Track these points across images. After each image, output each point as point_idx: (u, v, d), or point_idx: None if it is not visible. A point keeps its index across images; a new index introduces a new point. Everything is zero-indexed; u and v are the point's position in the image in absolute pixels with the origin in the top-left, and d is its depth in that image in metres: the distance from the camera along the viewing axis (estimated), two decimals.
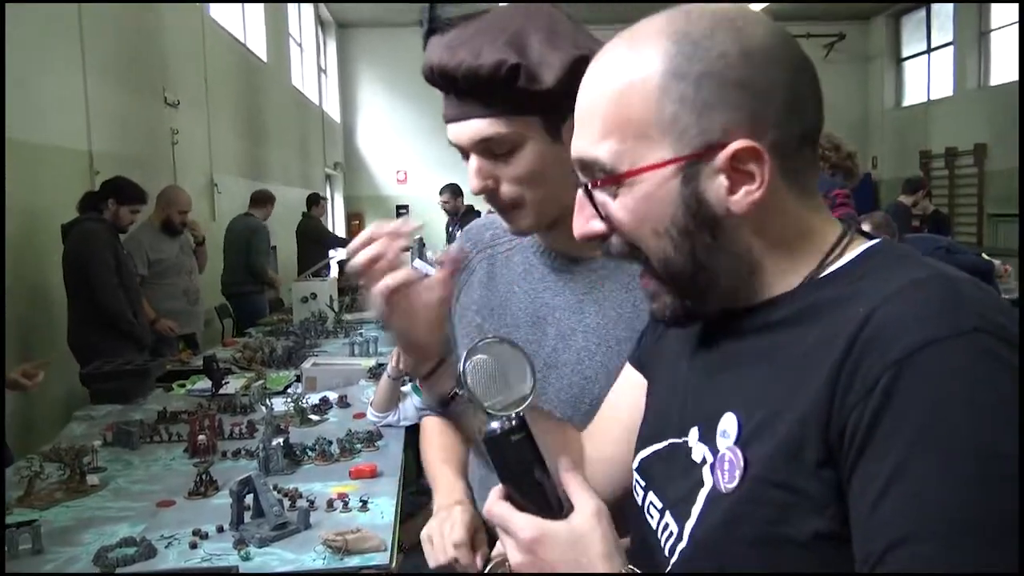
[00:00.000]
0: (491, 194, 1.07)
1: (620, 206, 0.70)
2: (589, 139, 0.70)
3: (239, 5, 8.69)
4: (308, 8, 12.20)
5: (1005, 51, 11.55)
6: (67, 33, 4.47)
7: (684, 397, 0.77)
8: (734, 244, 0.69)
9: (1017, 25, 10.75)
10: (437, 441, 1.38)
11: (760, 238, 0.69)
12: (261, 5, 9.24)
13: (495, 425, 0.69)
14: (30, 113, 3.90)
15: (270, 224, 6.71)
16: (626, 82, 0.68)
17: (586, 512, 0.68)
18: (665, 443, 0.78)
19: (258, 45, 9.02)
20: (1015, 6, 11.19)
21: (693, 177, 0.67)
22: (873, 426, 0.57)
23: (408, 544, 2.31)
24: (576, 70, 0.96)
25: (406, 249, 0.89)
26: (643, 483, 0.80)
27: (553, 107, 1.01)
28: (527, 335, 1.15)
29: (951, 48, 12.46)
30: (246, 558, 1.77)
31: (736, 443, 0.67)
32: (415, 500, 2.88)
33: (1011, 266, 6.02)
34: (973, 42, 11.92)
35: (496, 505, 0.70)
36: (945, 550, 0.53)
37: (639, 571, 0.69)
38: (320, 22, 13.17)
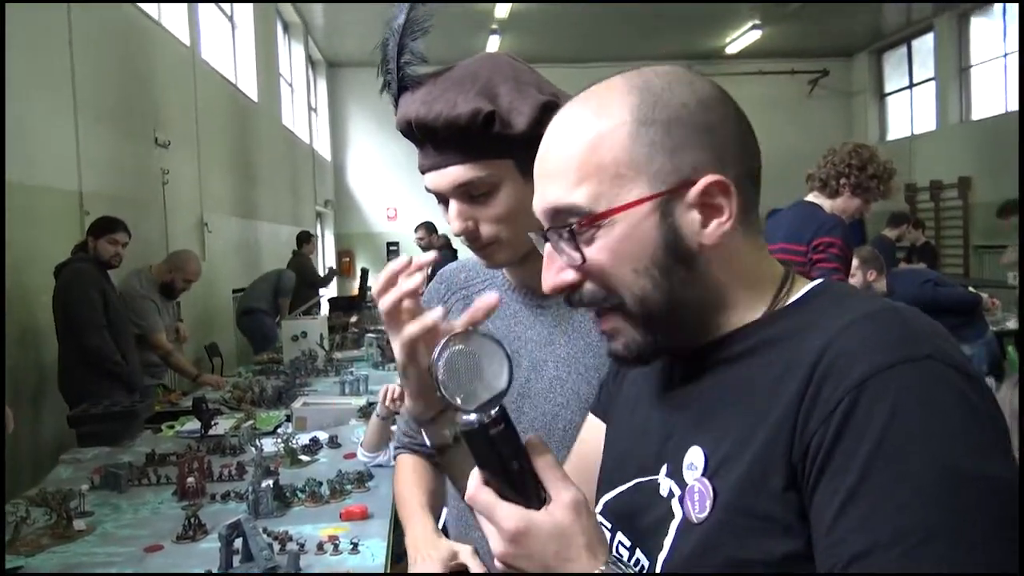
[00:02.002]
0: (471, 234, 1.14)
1: (600, 248, 0.72)
2: (563, 188, 0.73)
3: (230, 47, 8.77)
4: (299, 48, 12.32)
5: (986, 86, 11.76)
6: (58, 73, 4.50)
7: (651, 438, 0.79)
8: (706, 277, 0.73)
9: (1018, 50, 10.95)
10: (411, 478, 1.39)
11: (726, 271, 0.73)
12: (252, 47, 9.34)
13: (473, 418, 0.68)
14: (20, 154, 3.91)
15: (259, 258, 6.79)
16: (596, 132, 0.72)
17: (566, 503, 0.68)
18: (630, 483, 0.79)
19: (249, 85, 9.10)
20: (994, 42, 11.42)
21: (669, 213, 0.71)
22: (833, 446, 0.61)
23: None
24: (544, 114, 1.05)
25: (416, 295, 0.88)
26: (609, 525, 0.81)
27: (525, 149, 1.06)
28: None
29: (933, 84, 12.67)
30: None
31: (704, 474, 0.69)
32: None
33: (997, 299, 6.07)
34: (954, 78, 12.13)
35: (480, 491, 0.70)
36: (905, 558, 0.56)
37: (622, 562, 0.70)
38: (311, 61, 13.29)
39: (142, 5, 5.90)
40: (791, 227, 3.02)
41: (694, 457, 0.71)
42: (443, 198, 1.14)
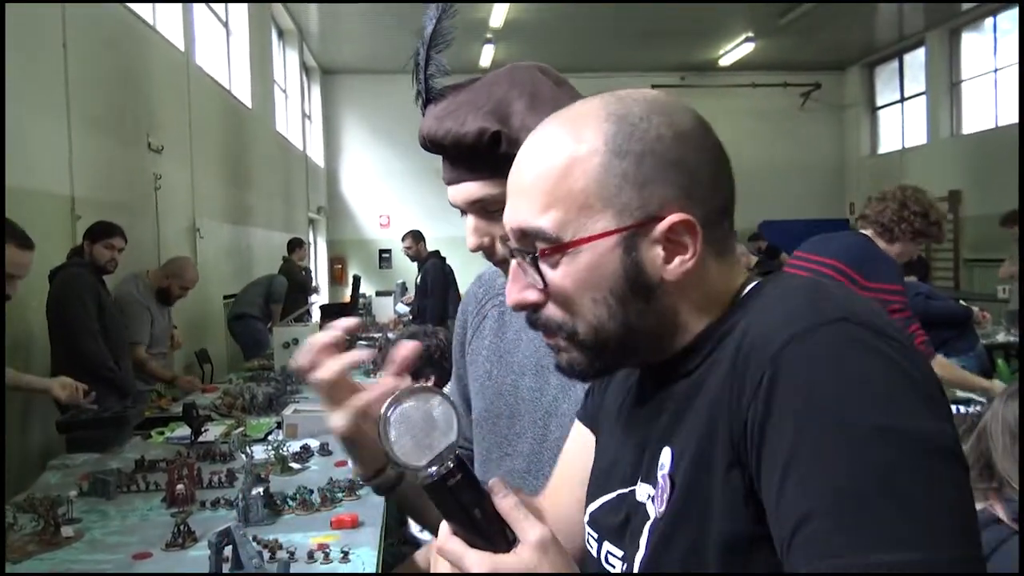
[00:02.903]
0: (487, 250, 1.13)
1: (562, 275, 0.73)
2: (530, 210, 0.73)
3: (224, 52, 8.77)
4: (293, 54, 12.34)
5: (976, 101, 11.85)
6: (51, 76, 4.48)
7: (630, 449, 0.80)
8: (663, 308, 0.74)
9: (1017, 63, 11.05)
10: None
11: (686, 301, 0.74)
12: (246, 53, 9.34)
13: (432, 471, 0.69)
14: (12, 157, 3.89)
15: (249, 265, 6.79)
16: (568, 158, 0.72)
17: (533, 543, 0.68)
18: (614, 494, 0.80)
19: (243, 91, 9.09)
20: (985, 57, 11.52)
21: (633, 247, 0.71)
22: (764, 421, 0.62)
23: None
24: None
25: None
26: (596, 534, 0.82)
27: None
28: (531, 383, 1.20)
29: (924, 98, 12.76)
30: None
31: (670, 471, 0.71)
32: (397, 551, 2.84)
33: (987, 312, 6.11)
34: (945, 92, 12.23)
35: (449, 541, 0.71)
36: (837, 521, 0.57)
37: None
38: (305, 68, 13.30)
39: (137, 9, 5.89)
40: (844, 249, 3.02)
41: (664, 458, 0.73)
42: (463, 211, 1.14)
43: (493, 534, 0.69)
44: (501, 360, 1.24)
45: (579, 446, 0.95)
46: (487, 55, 11.99)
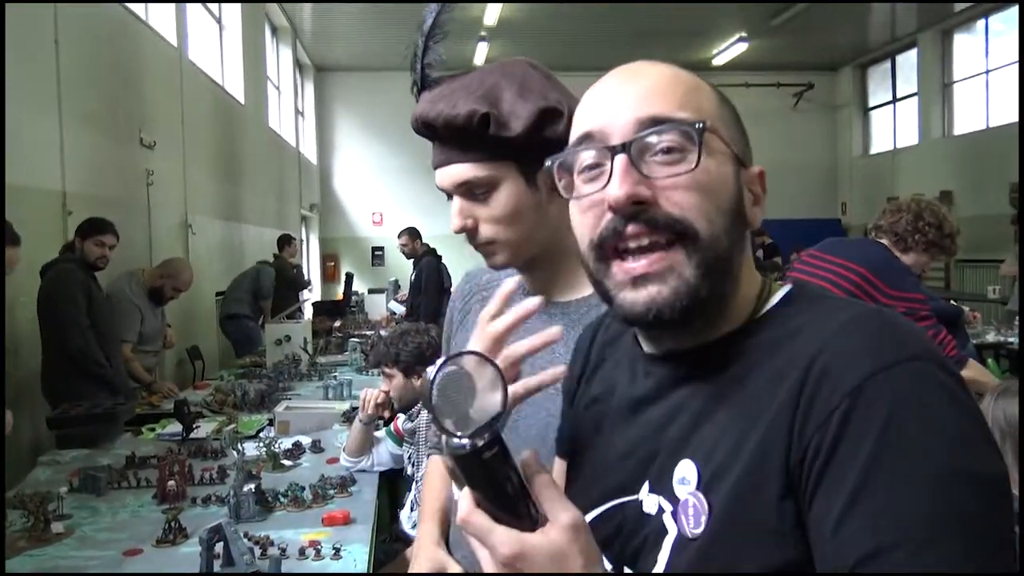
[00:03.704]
0: (470, 233, 1.16)
1: (698, 168, 0.71)
2: (667, 105, 0.73)
3: (217, 49, 8.74)
4: (286, 51, 12.30)
5: (968, 102, 11.90)
6: (43, 71, 4.46)
7: (626, 458, 0.78)
8: (741, 253, 0.75)
9: (1017, 62, 11.09)
10: (435, 482, 1.44)
11: (744, 259, 0.76)
12: (239, 49, 9.31)
13: (465, 442, 0.66)
14: (3, 153, 3.87)
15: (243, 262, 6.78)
16: (696, 82, 0.77)
17: (564, 524, 0.65)
18: (609, 504, 0.77)
19: (236, 87, 9.06)
20: (977, 59, 11.57)
21: (739, 177, 0.75)
22: (832, 450, 0.61)
23: None
24: (543, 120, 1.08)
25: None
26: None
27: (525, 153, 1.11)
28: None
29: (916, 99, 12.81)
30: None
31: (698, 488, 0.69)
32: (388, 548, 2.84)
33: (978, 312, 6.15)
34: (937, 93, 12.27)
35: (473, 515, 0.67)
36: (912, 558, 0.57)
37: None
38: (298, 65, 13.27)
39: (130, 5, 5.87)
40: (867, 256, 3.01)
41: (686, 471, 0.70)
42: (449, 195, 1.18)
43: (520, 511, 0.66)
44: None
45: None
46: (481, 53, 11.98)
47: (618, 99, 0.75)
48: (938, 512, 0.58)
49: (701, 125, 0.71)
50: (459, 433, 0.66)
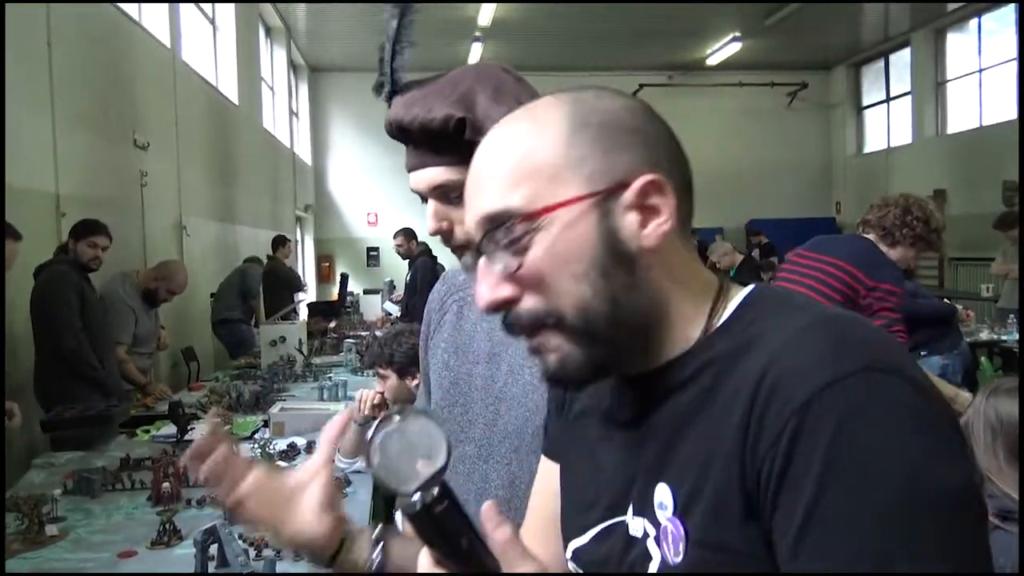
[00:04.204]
0: (445, 235, 1.17)
1: (537, 251, 0.69)
2: (498, 193, 0.71)
3: (211, 49, 8.73)
4: (281, 52, 12.29)
5: (961, 101, 11.95)
6: (36, 72, 4.45)
7: (613, 478, 0.76)
8: (647, 283, 0.70)
9: (1017, 59, 11.12)
10: None
11: (667, 277, 0.72)
12: (233, 50, 9.30)
13: (415, 499, 0.65)
14: None
15: (233, 263, 6.81)
16: (533, 138, 0.71)
17: None
18: (599, 527, 0.77)
19: (229, 88, 9.05)
20: (970, 58, 11.61)
21: (607, 213, 0.69)
22: (784, 472, 0.60)
23: None
24: None
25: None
26: (582, 572, 0.79)
27: None
28: (484, 371, 1.25)
29: (909, 98, 12.85)
30: None
31: (675, 513, 0.68)
32: None
33: (971, 310, 6.17)
34: (930, 92, 12.31)
35: (432, 571, 0.67)
36: None
37: None
38: (293, 66, 13.25)
39: (122, 5, 5.85)
40: (853, 252, 3.04)
41: (662, 496, 0.69)
42: (424, 198, 1.19)
43: (480, 566, 0.66)
44: (458, 351, 1.29)
45: (550, 481, 0.90)
46: (475, 53, 11.99)
47: (469, 193, 0.75)
48: (893, 534, 0.56)
49: (506, 231, 0.69)
50: (407, 490, 0.66)
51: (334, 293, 11.12)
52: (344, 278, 9.51)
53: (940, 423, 0.61)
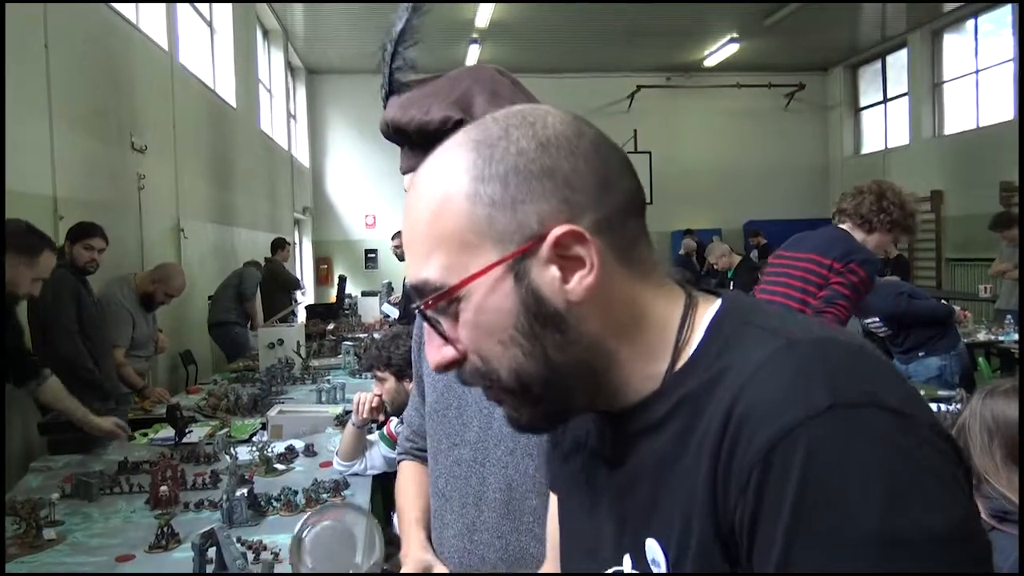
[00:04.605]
0: None
1: (463, 324, 0.67)
2: (416, 263, 0.68)
3: (209, 52, 8.73)
4: (278, 54, 12.29)
5: (958, 102, 11.96)
6: (33, 75, 4.45)
7: (605, 523, 0.74)
8: (584, 335, 0.66)
9: (1017, 58, 11.12)
10: (411, 489, 1.46)
11: (608, 323, 0.67)
12: (231, 52, 9.29)
13: None
14: None
15: (233, 265, 6.80)
16: (438, 198, 0.67)
17: None
18: (599, 573, 0.75)
19: (227, 90, 9.05)
20: (966, 59, 11.63)
21: (524, 274, 0.65)
22: (754, 523, 0.57)
23: None
24: None
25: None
26: None
27: None
28: None
29: (906, 99, 12.87)
30: None
31: (668, 571, 0.65)
32: None
33: (969, 311, 6.17)
34: (927, 93, 12.33)
35: None
36: None
37: None
38: (290, 68, 13.25)
39: (120, 8, 5.85)
40: (825, 242, 3.09)
41: (654, 552, 0.66)
42: None
43: None
44: None
45: None
46: (473, 55, 11.99)
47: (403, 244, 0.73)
48: None
49: (426, 305, 0.67)
50: None
51: (332, 295, 11.11)
52: (342, 280, 9.50)
53: (920, 454, 0.55)
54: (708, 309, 0.70)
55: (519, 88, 1.18)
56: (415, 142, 1.13)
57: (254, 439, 3.21)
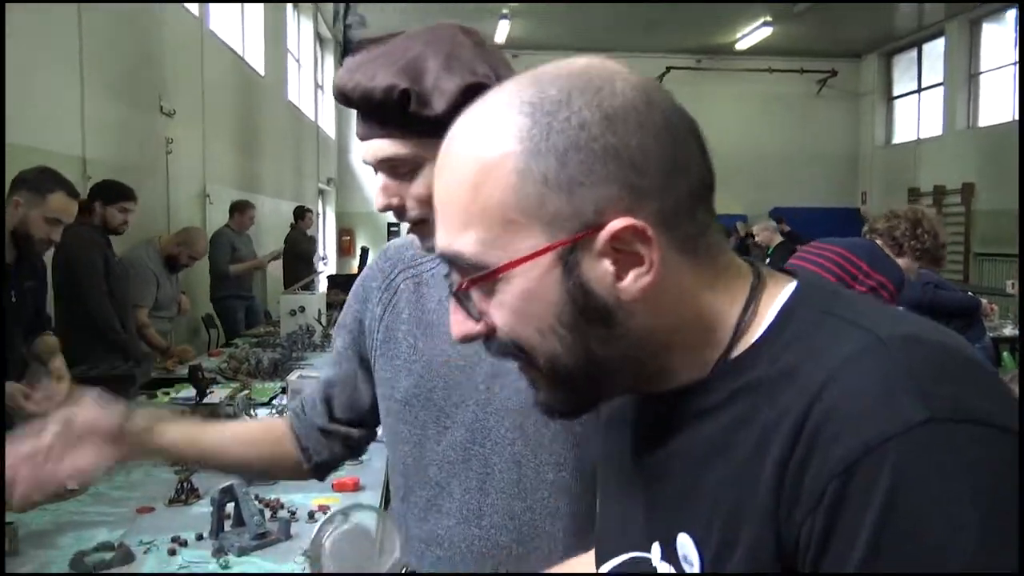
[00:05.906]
0: (397, 211, 1.08)
1: (497, 304, 0.61)
2: (449, 232, 0.61)
3: (239, 20, 8.74)
4: (308, 24, 12.27)
5: (994, 93, 11.74)
6: (66, 38, 4.48)
7: (637, 506, 0.69)
8: (633, 330, 0.60)
9: (1017, 59, 10.90)
10: (241, 430, 1.43)
11: (662, 318, 0.60)
12: (261, 21, 9.30)
13: None
14: (24, 117, 3.90)
15: (254, 233, 6.71)
16: (480, 165, 0.59)
17: None
18: (626, 556, 0.70)
19: (256, 59, 9.06)
20: (1005, 49, 11.39)
21: (574, 265, 0.58)
22: (823, 545, 0.51)
23: None
24: (469, 97, 0.87)
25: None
26: None
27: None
28: (464, 348, 1.06)
29: (941, 89, 12.65)
30: (225, 567, 1.76)
31: (702, 571, 0.60)
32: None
33: (996, 304, 6.09)
34: (963, 84, 12.11)
35: None
36: None
37: None
38: (319, 38, 13.24)
39: None
40: (857, 245, 3.06)
41: (686, 549, 0.61)
42: (376, 170, 1.09)
43: None
44: (427, 332, 1.17)
45: None
46: (502, 31, 11.91)
47: (434, 204, 0.65)
48: None
49: (461, 284, 0.61)
50: None
51: (354, 266, 11.16)
52: (364, 252, 9.56)
53: (1013, 487, 0.49)
54: (779, 292, 0.63)
55: (482, 51, 1.04)
56: (362, 109, 1.03)
57: (274, 402, 3.24)
